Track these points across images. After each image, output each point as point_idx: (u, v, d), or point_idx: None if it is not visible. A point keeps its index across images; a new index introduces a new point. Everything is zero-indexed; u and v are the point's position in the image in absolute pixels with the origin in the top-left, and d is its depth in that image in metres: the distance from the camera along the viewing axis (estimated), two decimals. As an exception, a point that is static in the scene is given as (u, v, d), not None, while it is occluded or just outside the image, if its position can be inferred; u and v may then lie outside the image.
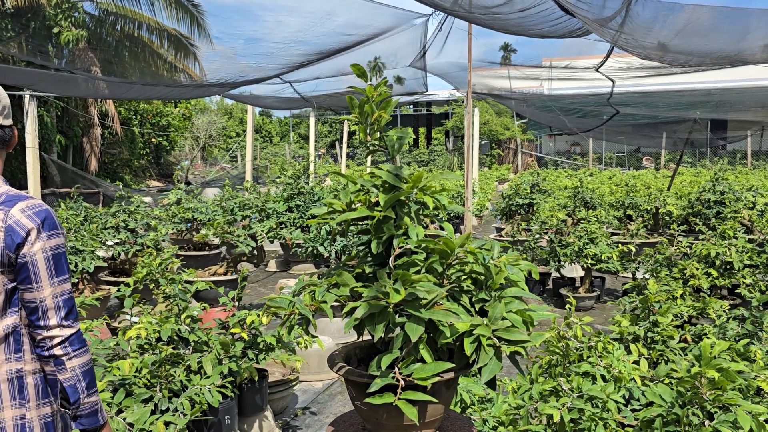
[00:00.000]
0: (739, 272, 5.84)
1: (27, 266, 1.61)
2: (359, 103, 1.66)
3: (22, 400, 1.65)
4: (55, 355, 1.64)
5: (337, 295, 1.54)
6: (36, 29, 14.78)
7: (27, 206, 1.63)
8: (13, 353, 1.63)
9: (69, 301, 1.67)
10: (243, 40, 8.22)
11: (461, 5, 4.99)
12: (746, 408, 2.44)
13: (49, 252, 1.64)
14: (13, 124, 1.86)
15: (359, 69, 1.69)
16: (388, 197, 1.54)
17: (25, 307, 1.65)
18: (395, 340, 1.45)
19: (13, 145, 1.83)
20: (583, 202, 8.70)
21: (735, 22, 5.73)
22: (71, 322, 1.66)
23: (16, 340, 1.64)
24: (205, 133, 33.80)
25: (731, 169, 21.46)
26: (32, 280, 1.62)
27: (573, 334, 3.18)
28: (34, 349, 1.66)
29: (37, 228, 1.62)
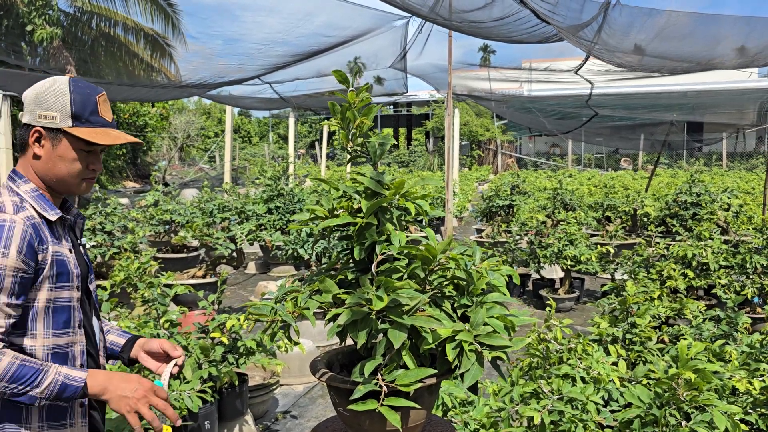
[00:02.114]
0: (714, 273, 5.93)
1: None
2: (341, 109, 1.66)
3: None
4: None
5: (319, 302, 1.53)
6: (9, 27, 14.55)
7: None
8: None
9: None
10: (222, 40, 8.17)
11: (438, 13, 5.01)
12: (722, 408, 2.48)
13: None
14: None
15: (341, 75, 1.69)
16: (371, 204, 1.53)
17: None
18: (378, 347, 1.45)
19: (27, 146, 1.75)
20: (562, 203, 8.78)
21: (708, 27, 5.82)
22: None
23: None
24: (183, 133, 33.53)
25: (707, 171, 21.81)
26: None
27: (553, 337, 3.20)
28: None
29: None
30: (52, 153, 1.70)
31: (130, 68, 14.33)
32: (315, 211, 1.63)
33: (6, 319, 1.56)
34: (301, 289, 1.64)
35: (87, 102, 1.70)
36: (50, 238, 1.67)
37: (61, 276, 1.67)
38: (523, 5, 4.27)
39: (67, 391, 1.57)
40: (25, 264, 1.58)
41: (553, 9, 4.81)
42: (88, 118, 1.70)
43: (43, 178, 1.73)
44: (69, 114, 1.68)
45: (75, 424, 1.68)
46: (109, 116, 1.76)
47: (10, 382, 1.52)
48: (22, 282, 1.59)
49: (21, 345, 1.63)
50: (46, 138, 1.70)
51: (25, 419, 1.62)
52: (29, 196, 1.69)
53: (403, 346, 1.45)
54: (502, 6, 4.80)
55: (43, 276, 1.63)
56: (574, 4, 4.97)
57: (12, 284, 1.57)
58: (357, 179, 1.65)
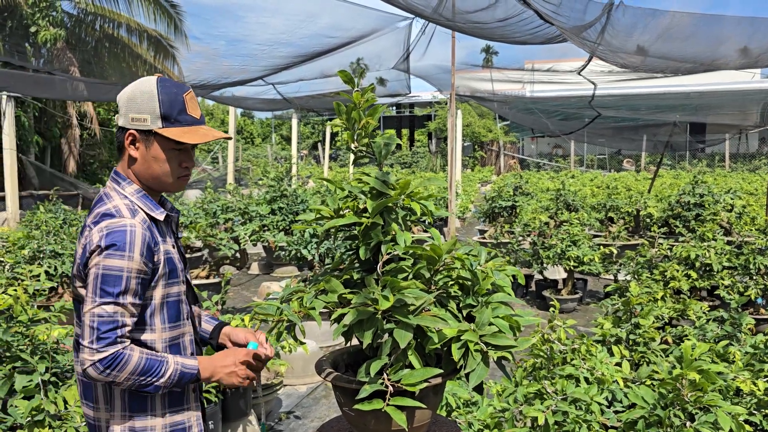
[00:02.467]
0: (718, 274, 5.92)
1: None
2: (347, 109, 1.66)
3: (91, 402, 1.77)
4: (90, 376, 1.65)
5: (325, 302, 1.54)
6: (13, 28, 14.58)
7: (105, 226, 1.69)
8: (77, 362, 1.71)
9: (107, 323, 1.64)
10: (225, 41, 8.18)
11: (442, 14, 5.02)
12: (726, 409, 2.48)
13: (101, 269, 1.65)
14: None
15: (346, 75, 1.69)
16: (376, 204, 1.54)
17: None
18: (384, 346, 1.45)
19: (124, 149, 1.83)
20: (565, 204, 8.77)
21: (711, 28, 5.82)
22: (101, 346, 1.62)
23: (75, 348, 1.74)
24: (186, 134, 33.46)
25: (710, 172, 21.79)
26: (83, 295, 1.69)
27: (557, 337, 3.20)
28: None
29: (99, 247, 1.66)
30: (147, 154, 1.77)
31: (133, 69, 14.35)
32: (321, 211, 1.63)
33: (131, 317, 1.68)
34: (306, 289, 1.65)
35: (174, 101, 1.76)
36: (159, 237, 1.77)
37: (171, 273, 1.78)
38: (526, 6, 4.28)
39: (184, 378, 1.72)
40: (145, 266, 1.69)
41: (557, 10, 4.81)
42: (177, 117, 1.76)
43: (141, 178, 1.80)
44: (158, 115, 1.74)
45: (191, 408, 1.83)
46: (197, 113, 1.81)
47: (140, 375, 1.65)
48: (143, 282, 1.70)
49: (142, 339, 1.74)
50: (140, 140, 1.77)
51: (150, 407, 1.76)
52: (135, 197, 1.78)
53: (408, 346, 1.45)
54: (506, 7, 4.81)
55: (158, 275, 1.74)
56: (577, 5, 4.97)
57: (136, 285, 1.67)
58: (362, 179, 1.65)
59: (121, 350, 1.64)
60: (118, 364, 1.63)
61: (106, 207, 1.73)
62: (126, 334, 1.66)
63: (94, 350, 1.62)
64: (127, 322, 1.66)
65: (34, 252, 5.86)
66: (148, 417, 1.76)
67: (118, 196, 1.77)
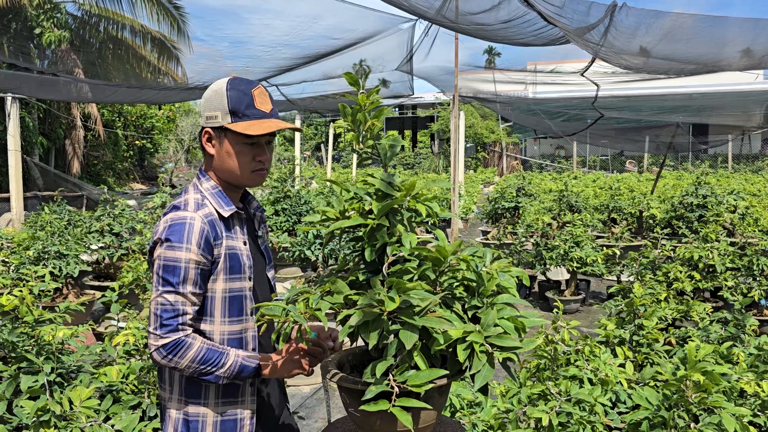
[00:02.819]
0: (721, 275, 5.92)
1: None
2: (352, 111, 1.67)
3: (161, 383, 1.89)
4: (155, 360, 1.76)
5: (331, 303, 1.55)
6: (18, 30, 14.63)
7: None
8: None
9: (168, 311, 1.74)
10: (228, 42, 8.21)
11: (445, 15, 5.03)
12: (731, 410, 2.49)
13: (162, 260, 1.76)
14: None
15: (352, 77, 1.70)
16: (382, 205, 1.55)
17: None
18: (389, 348, 1.46)
19: (204, 147, 1.94)
20: (568, 205, 8.77)
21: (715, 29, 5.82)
22: (164, 332, 1.72)
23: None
24: (189, 135, 33.59)
25: (713, 173, 21.75)
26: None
27: (560, 338, 3.21)
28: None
29: (161, 239, 1.78)
30: (221, 150, 1.87)
31: (137, 71, 14.39)
32: (326, 212, 1.64)
33: (192, 306, 1.78)
34: (311, 290, 1.66)
35: (242, 97, 1.83)
36: (225, 233, 1.84)
37: (233, 268, 1.84)
38: (529, 7, 4.28)
39: (244, 372, 1.78)
40: (203, 257, 1.78)
41: (560, 12, 4.82)
42: (245, 111, 1.82)
43: (219, 174, 1.90)
44: (227, 111, 1.82)
45: (245, 401, 1.86)
46: (267, 107, 1.86)
47: (200, 363, 1.74)
48: (202, 273, 1.78)
49: (201, 330, 1.83)
50: (215, 137, 1.87)
51: (204, 395, 1.83)
52: (209, 193, 1.87)
53: (414, 347, 1.46)
54: (509, 9, 4.81)
55: (218, 269, 1.82)
56: (580, 7, 4.98)
57: (195, 275, 1.77)
58: (367, 181, 1.66)
59: (182, 337, 1.73)
60: (179, 351, 1.72)
61: (178, 200, 1.86)
62: (187, 321, 1.76)
63: (158, 336, 1.72)
64: (187, 311, 1.76)
65: (38, 253, 5.89)
66: (201, 405, 1.83)
67: (193, 190, 1.88)
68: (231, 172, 1.87)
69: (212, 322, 1.83)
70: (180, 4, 15.76)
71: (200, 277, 1.78)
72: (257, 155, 1.88)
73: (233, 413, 1.85)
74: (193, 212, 1.80)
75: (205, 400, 1.83)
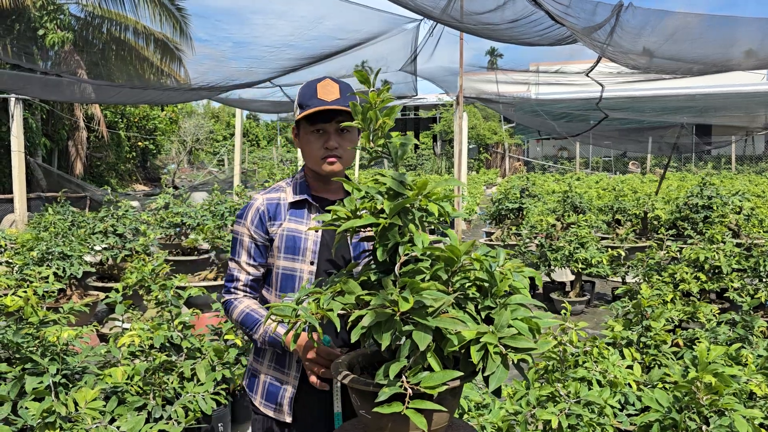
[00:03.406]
0: (727, 276, 5.89)
1: None
2: (363, 109, 1.65)
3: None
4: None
5: (342, 303, 1.52)
6: (21, 31, 14.65)
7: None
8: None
9: (227, 276, 2.08)
10: (232, 43, 8.18)
11: (451, 15, 5.00)
12: (742, 412, 2.46)
13: (232, 234, 2.08)
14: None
15: (362, 75, 1.68)
16: (394, 205, 1.52)
17: None
18: (402, 349, 1.44)
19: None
20: (572, 206, 8.74)
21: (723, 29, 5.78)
22: (223, 292, 2.08)
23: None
24: (192, 136, 33.64)
25: (716, 174, 21.68)
26: None
27: (568, 340, 3.19)
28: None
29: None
30: (300, 142, 2.06)
31: (140, 72, 14.40)
32: (337, 212, 1.62)
33: (246, 274, 2.05)
34: (322, 290, 1.64)
35: (308, 90, 1.99)
36: (288, 216, 2.03)
37: (289, 249, 2.01)
38: (537, 6, 4.26)
39: (275, 343, 1.97)
40: (255, 234, 2.02)
41: (566, 10, 4.79)
42: (308, 102, 1.97)
43: (306, 164, 2.09)
44: (298, 105, 2.01)
45: (290, 374, 2.03)
46: (330, 97, 1.97)
47: (241, 324, 2.01)
48: (257, 246, 2.03)
49: (264, 297, 2.09)
50: (297, 132, 2.07)
51: (261, 356, 2.09)
52: (294, 181, 2.10)
53: (428, 349, 1.44)
54: (515, 8, 4.79)
55: (274, 246, 2.03)
56: (586, 6, 4.95)
57: (249, 247, 2.04)
58: (379, 180, 1.64)
59: (231, 299, 2.05)
60: (227, 310, 2.06)
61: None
62: (239, 287, 2.05)
63: (222, 295, 2.09)
64: (240, 277, 2.05)
65: (42, 254, 5.87)
66: (259, 363, 2.09)
67: (288, 179, 2.14)
68: (308, 161, 2.05)
69: (269, 293, 2.07)
70: (182, 6, 15.78)
71: (256, 249, 2.03)
72: (326, 142, 1.98)
73: (279, 380, 2.04)
74: (262, 195, 2.06)
75: (262, 360, 2.08)
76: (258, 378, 2.09)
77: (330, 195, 2.09)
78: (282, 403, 2.03)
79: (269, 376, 2.06)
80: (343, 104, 1.95)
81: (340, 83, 2.00)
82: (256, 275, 2.05)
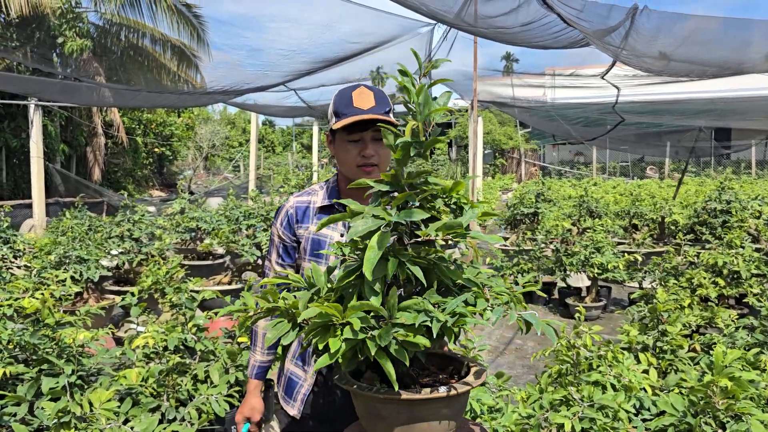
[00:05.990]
0: (746, 281, 5.81)
1: None
2: (414, 111, 1.64)
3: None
4: None
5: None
6: (41, 39, 14.86)
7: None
8: None
9: (264, 275, 2.18)
10: (246, 50, 8.25)
11: (464, 19, 5.00)
12: (759, 417, 2.42)
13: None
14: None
15: (402, 78, 1.67)
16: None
17: None
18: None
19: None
20: (588, 211, 8.68)
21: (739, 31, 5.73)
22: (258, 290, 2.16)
23: None
24: (207, 142, 33.90)
25: (735, 179, 21.40)
26: None
27: (582, 344, 3.16)
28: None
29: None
30: (335, 149, 2.06)
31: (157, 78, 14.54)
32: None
33: (274, 273, 2.08)
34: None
35: (343, 99, 2.00)
36: (315, 220, 2.06)
37: (313, 251, 2.05)
38: (549, 9, 4.25)
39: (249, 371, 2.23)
40: (284, 235, 2.10)
41: (579, 14, 4.78)
42: (344, 111, 1.97)
43: (341, 170, 2.10)
44: (333, 113, 2.02)
45: (308, 372, 2.08)
46: (365, 105, 1.97)
47: (250, 334, 2.22)
48: (285, 246, 2.11)
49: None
50: (332, 139, 2.07)
51: (285, 349, 2.17)
52: (328, 186, 2.13)
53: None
54: (528, 11, 4.78)
55: (301, 247, 2.08)
56: (600, 9, 4.94)
57: (278, 247, 2.12)
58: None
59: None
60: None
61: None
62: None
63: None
64: (269, 275, 2.12)
65: (60, 257, 5.94)
66: (286, 356, 2.18)
67: (321, 183, 2.16)
68: (343, 167, 2.05)
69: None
70: (200, 13, 15.92)
71: (283, 250, 2.10)
72: (362, 150, 1.98)
73: (297, 375, 2.10)
74: (294, 197, 2.12)
75: (287, 355, 2.16)
76: (283, 370, 2.17)
77: (361, 202, 2.06)
78: (296, 399, 2.10)
79: (290, 370, 2.13)
80: (379, 112, 1.96)
81: (374, 90, 2.01)
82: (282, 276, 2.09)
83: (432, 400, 1.40)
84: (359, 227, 1.38)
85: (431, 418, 1.43)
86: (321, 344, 1.34)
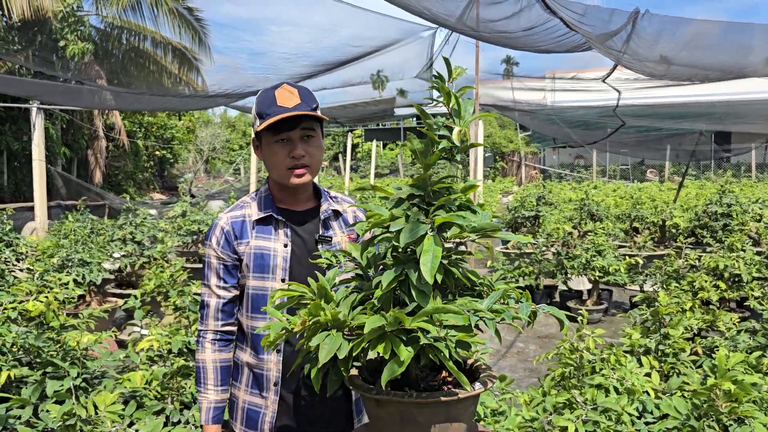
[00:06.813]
0: (747, 285, 5.81)
1: None
2: (456, 109, 1.64)
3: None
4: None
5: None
6: (42, 43, 14.89)
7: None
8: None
9: (200, 303, 1.99)
10: (247, 53, 8.28)
11: (466, 23, 5.02)
12: (762, 420, 2.43)
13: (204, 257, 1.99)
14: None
15: (435, 82, 1.67)
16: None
17: None
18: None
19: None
20: (589, 214, 8.69)
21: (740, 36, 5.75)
22: (198, 319, 2.00)
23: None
24: (208, 145, 33.97)
25: (736, 182, 21.41)
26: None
27: (585, 347, 3.17)
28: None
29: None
30: (263, 154, 1.93)
31: (158, 81, 14.56)
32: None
33: (216, 299, 1.94)
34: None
35: (266, 99, 1.87)
36: (255, 233, 1.91)
37: (258, 267, 1.90)
38: (551, 14, 4.27)
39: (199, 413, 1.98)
40: (223, 254, 1.91)
41: (581, 19, 4.80)
42: (267, 111, 1.84)
43: (271, 178, 1.96)
44: (256, 115, 1.89)
45: (268, 398, 1.92)
46: (290, 103, 1.84)
47: (196, 374, 1.95)
48: (226, 268, 1.92)
49: (239, 319, 1.98)
50: (258, 144, 1.94)
51: (239, 379, 1.98)
52: (258, 196, 1.97)
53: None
54: (530, 16, 4.80)
55: (243, 265, 1.91)
56: (602, 14, 4.96)
57: (217, 269, 1.93)
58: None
59: (199, 337, 1.97)
60: (197, 344, 1.97)
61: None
62: (210, 314, 1.95)
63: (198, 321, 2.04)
64: (210, 303, 1.94)
65: (62, 260, 5.95)
66: (236, 386, 1.99)
67: (252, 194, 2.01)
68: (273, 173, 1.91)
69: (242, 315, 1.96)
70: (201, 16, 15.96)
71: (224, 271, 1.92)
72: (290, 152, 1.86)
73: (259, 405, 1.94)
74: (225, 213, 1.95)
75: (239, 384, 1.98)
76: (236, 403, 1.98)
77: (298, 206, 1.98)
78: (263, 429, 1.93)
79: (247, 401, 1.96)
80: (305, 109, 1.84)
81: (298, 87, 1.90)
82: (227, 297, 1.94)
83: (465, 399, 1.41)
84: (407, 233, 1.35)
85: (463, 417, 1.45)
86: (386, 354, 1.29)
